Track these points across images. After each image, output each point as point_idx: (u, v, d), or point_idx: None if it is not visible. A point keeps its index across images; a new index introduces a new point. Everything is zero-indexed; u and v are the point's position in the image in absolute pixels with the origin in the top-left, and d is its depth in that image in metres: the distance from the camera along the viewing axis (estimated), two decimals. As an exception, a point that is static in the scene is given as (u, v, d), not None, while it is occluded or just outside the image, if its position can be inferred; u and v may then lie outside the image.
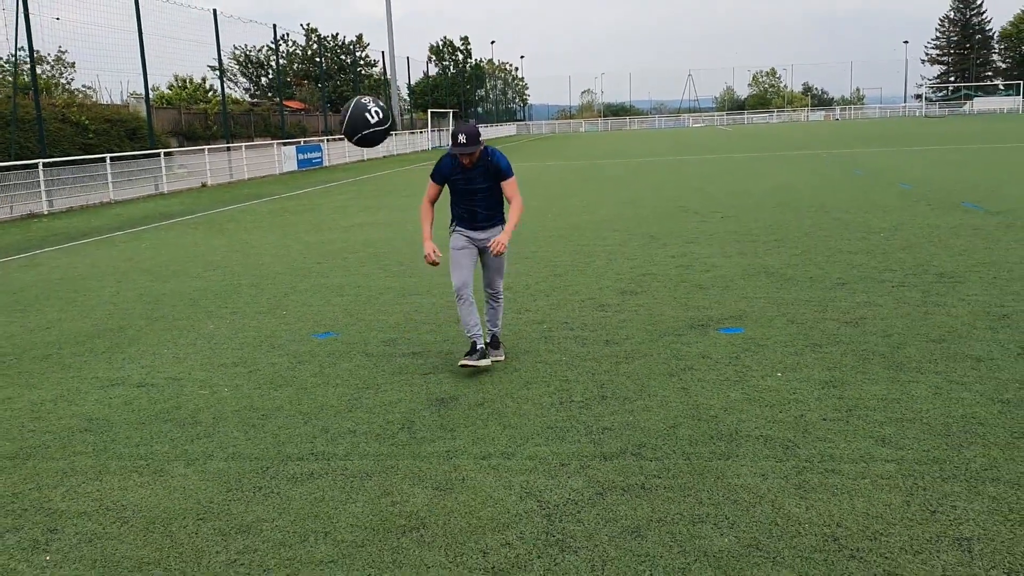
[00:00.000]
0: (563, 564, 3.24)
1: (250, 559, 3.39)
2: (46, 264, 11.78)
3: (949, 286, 7.63)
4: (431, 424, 4.82)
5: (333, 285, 9.12)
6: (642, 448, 4.32)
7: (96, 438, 4.83)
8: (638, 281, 8.52)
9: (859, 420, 4.56)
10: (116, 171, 22.30)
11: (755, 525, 3.47)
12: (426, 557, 3.35)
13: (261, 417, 5.06)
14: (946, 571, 3.07)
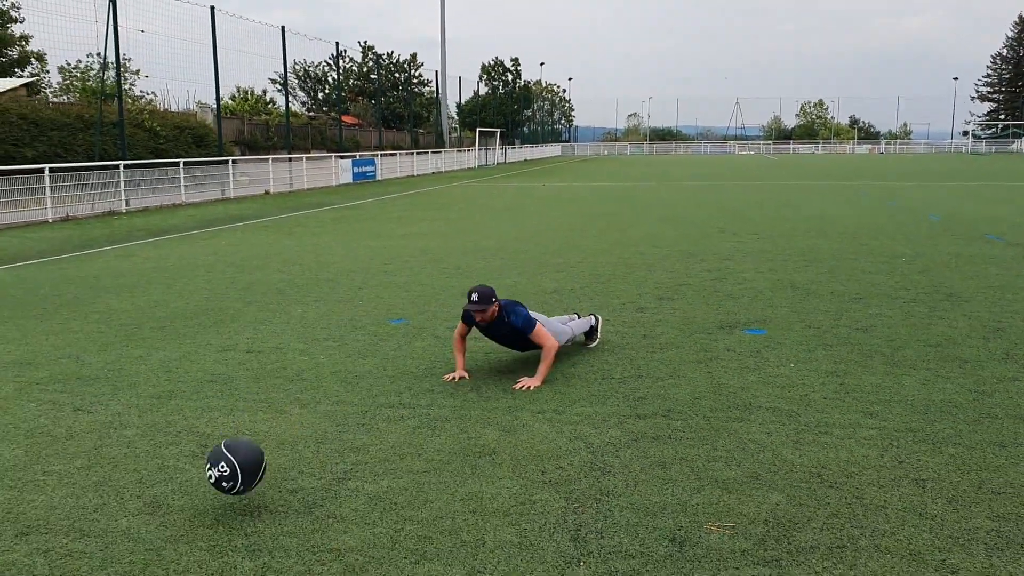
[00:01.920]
0: (603, 483, 4.22)
1: (362, 468, 4.41)
2: (139, 255, 13.03)
3: (955, 304, 8.49)
4: (494, 388, 5.82)
5: (399, 283, 10.19)
6: (670, 412, 5.29)
7: (222, 387, 5.90)
8: (675, 289, 9.48)
9: (853, 400, 5.49)
10: (188, 175, 23.74)
11: (757, 464, 4.43)
12: (497, 472, 4.35)
13: (355, 377, 6.11)
14: (902, 499, 4.00)
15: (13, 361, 6.61)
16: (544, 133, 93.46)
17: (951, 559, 3.41)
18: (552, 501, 4.00)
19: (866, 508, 3.89)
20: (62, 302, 9.09)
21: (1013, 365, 6.25)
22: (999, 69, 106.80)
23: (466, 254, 12.65)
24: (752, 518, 3.80)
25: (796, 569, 3.35)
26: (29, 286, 10.25)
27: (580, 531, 3.70)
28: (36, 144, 22.22)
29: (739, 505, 3.93)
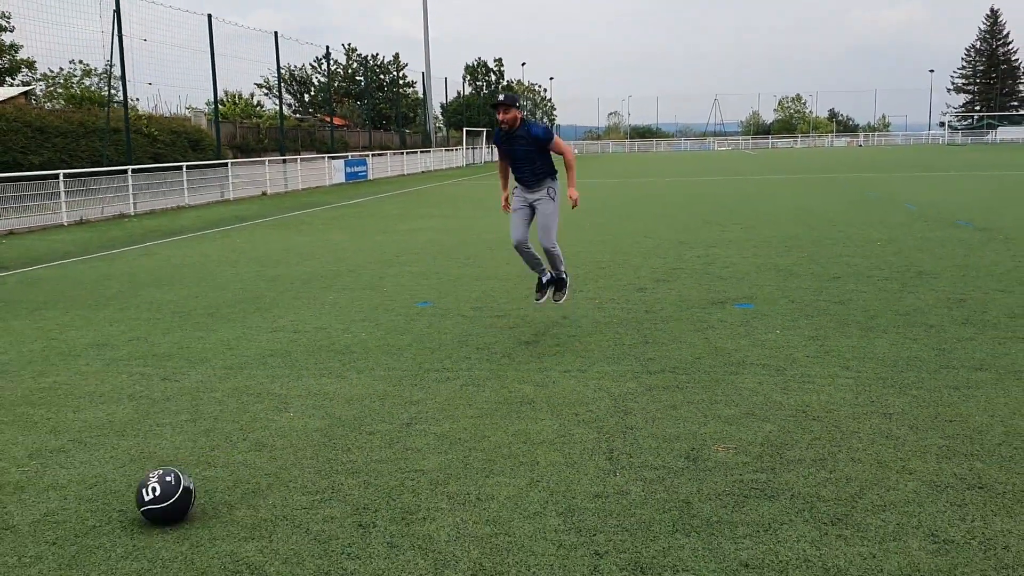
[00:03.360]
0: (627, 420, 5.10)
1: (424, 416, 5.28)
2: (161, 254, 13.82)
3: (924, 280, 9.44)
4: (524, 355, 6.70)
5: (416, 272, 11.05)
6: (675, 369, 6.18)
7: (282, 360, 6.75)
8: (669, 273, 10.39)
9: (832, 357, 6.40)
10: (189, 179, 24.47)
11: (752, 405, 5.33)
12: (538, 415, 5.22)
13: (397, 350, 6.97)
14: (872, 427, 4.90)
15: (89, 343, 7.43)
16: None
17: (909, 465, 4.32)
18: (587, 434, 4.88)
19: (843, 433, 4.79)
20: (110, 295, 9.90)
21: (971, 328, 7.18)
22: (973, 61, 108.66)
23: (472, 245, 13.51)
24: (750, 441, 4.70)
25: (787, 475, 4.24)
26: (72, 282, 11.04)
27: (613, 453, 4.58)
28: (41, 151, 22.88)
29: (739, 433, 4.83)
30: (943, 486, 4.05)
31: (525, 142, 6.70)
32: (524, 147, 6.73)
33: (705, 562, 3.40)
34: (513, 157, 6.83)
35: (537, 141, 6.68)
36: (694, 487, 4.12)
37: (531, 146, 6.70)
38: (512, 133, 6.72)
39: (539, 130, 6.70)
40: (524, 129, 6.68)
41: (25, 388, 6.10)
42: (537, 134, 6.67)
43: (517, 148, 6.75)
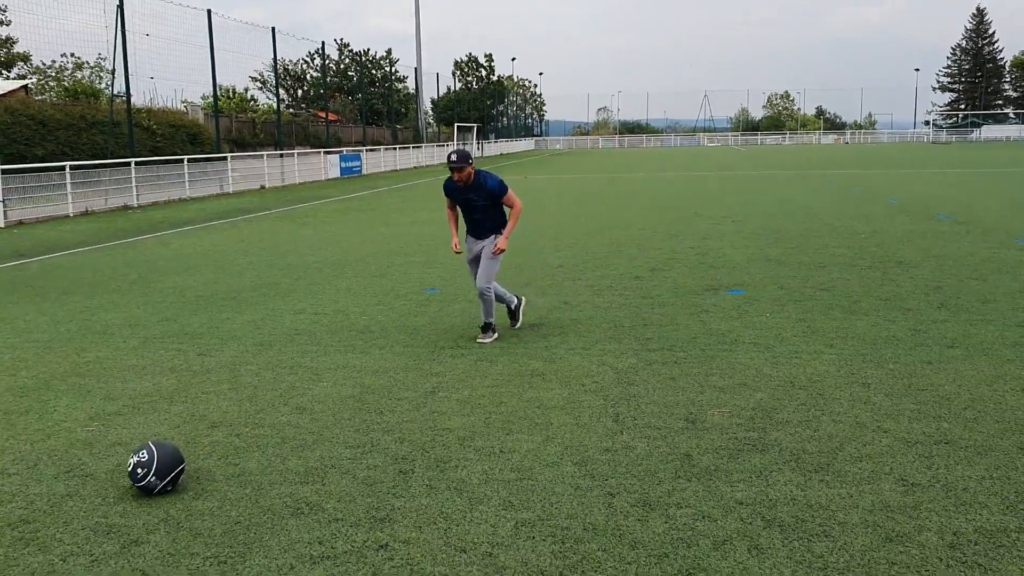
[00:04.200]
0: (630, 390, 5.62)
1: (446, 385, 5.79)
2: (174, 243, 14.28)
3: (904, 269, 10.00)
4: (530, 335, 7.22)
5: (421, 262, 11.55)
6: (673, 347, 6.71)
7: (308, 338, 7.25)
8: (664, 263, 10.93)
9: (817, 337, 6.94)
10: (190, 172, 24.87)
11: (744, 376, 5.86)
12: (549, 385, 5.75)
13: (413, 330, 7.48)
14: (852, 394, 5.43)
15: (123, 323, 7.92)
16: (517, 128, 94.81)
17: (884, 425, 4.86)
18: (594, 401, 5.41)
19: (826, 400, 5.33)
20: (132, 280, 10.37)
21: (945, 312, 7.74)
22: (959, 60, 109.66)
23: (472, 238, 14.01)
24: (743, 407, 5.23)
25: (776, 433, 4.78)
26: (93, 269, 11.50)
27: (619, 416, 5.11)
28: (45, 143, 23.26)
29: (732, 400, 5.37)
30: (913, 442, 4.59)
31: (480, 196, 6.78)
32: (482, 201, 6.81)
33: (705, 500, 3.93)
34: (468, 208, 6.89)
35: (492, 195, 6.77)
36: (693, 443, 4.65)
37: (487, 200, 6.80)
38: (467, 187, 6.77)
39: (494, 183, 6.76)
40: (479, 182, 6.74)
41: (71, 362, 6.58)
42: (492, 187, 6.74)
43: (474, 200, 6.82)
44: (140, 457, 4.07)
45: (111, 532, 3.72)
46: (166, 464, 4.06)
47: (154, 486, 4.05)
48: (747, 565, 3.33)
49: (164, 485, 4.06)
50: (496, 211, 6.89)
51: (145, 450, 4.09)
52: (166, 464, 4.06)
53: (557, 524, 3.71)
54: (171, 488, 4.10)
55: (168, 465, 4.07)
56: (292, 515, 3.85)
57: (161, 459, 4.05)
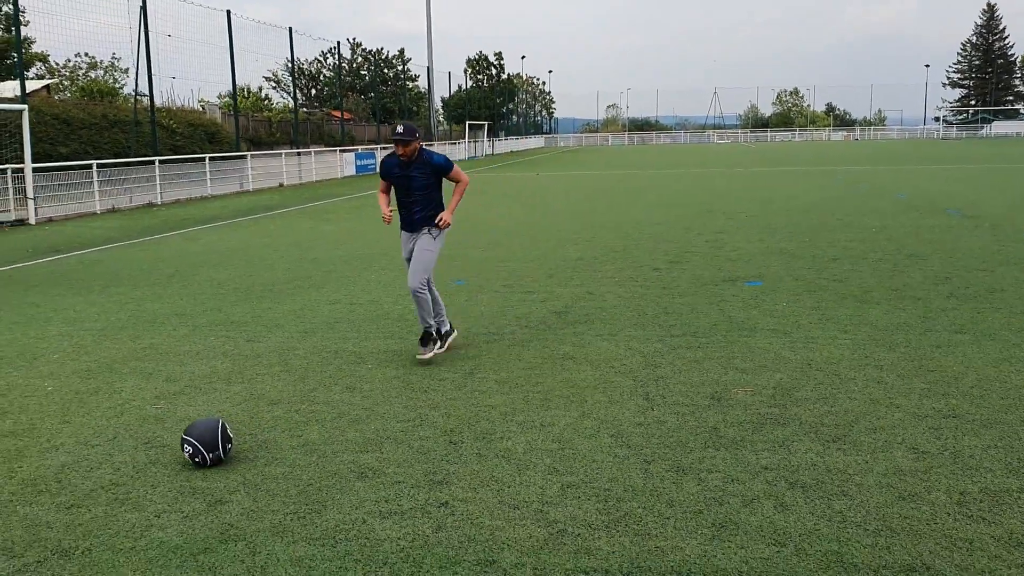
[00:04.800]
0: (657, 372, 6.00)
1: (484, 367, 6.16)
2: (203, 239, 14.70)
3: (914, 261, 10.34)
4: (557, 322, 7.60)
5: (445, 255, 11.89)
6: (695, 334, 7.08)
7: (348, 326, 7.64)
8: (681, 256, 11.29)
9: (832, 324, 7.30)
10: (211, 170, 25.35)
11: (764, 359, 6.23)
12: (580, 368, 6.12)
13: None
14: (866, 375, 5.80)
15: (170, 313, 8.33)
16: (527, 126, 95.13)
17: (896, 401, 5.22)
18: (624, 381, 5.79)
19: (841, 380, 5.70)
20: (170, 274, 10.79)
21: (954, 300, 8.08)
22: (969, 56, 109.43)
23: (489, 232, 14.40)
24: (764, 386, 5.60)
25: (795, 409, 5.14)
26: (130, 263, 11.93)
27: (648, 395, 5.48)
28: (68, 142, 23.69)
29: (754, 380, 5.74)
30: (923, 416, 4.96)
31: (424, 172, 6.28)
32: (422, 179, 6.29)
33: (732, 466, 4.30)
34: (408, 188, 6.30)
35: (438, 170, 6.30)
36: (720, 417, 5.02)
37: (430, 177, 6.29)
38: (410, 163, 6.27)
39: (440, 158, 6.34)
40: (423, 158, 6.27)
41: (128, 348, 6.99)
42: (438, 162, 6.30)
43: (414, 179, 6.28)
44: (187, 453, 4.40)
45: (196, 493, 4.11)
46: (208, 439, 4.39)
47: (218, 458, 4.43)
48: (773, 519, 3.71)
49: (225, 448, 4.43)
50: (435, 195, 6.37)
51: (186, 446, 4.39)
52: (208, 439, 4.39)
53: (599, 486, 4.09)
54: (230, 445, 4.48)
55: (210, 437, 4.39)
56: (357, 478, 4.24)
57: (202, 441, 4.38)
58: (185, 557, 3.49)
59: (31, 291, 9.83)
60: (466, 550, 3.50)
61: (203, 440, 4.40)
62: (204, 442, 4.40)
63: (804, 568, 3.30)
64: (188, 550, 3.55)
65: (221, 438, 4.44)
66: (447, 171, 6.34)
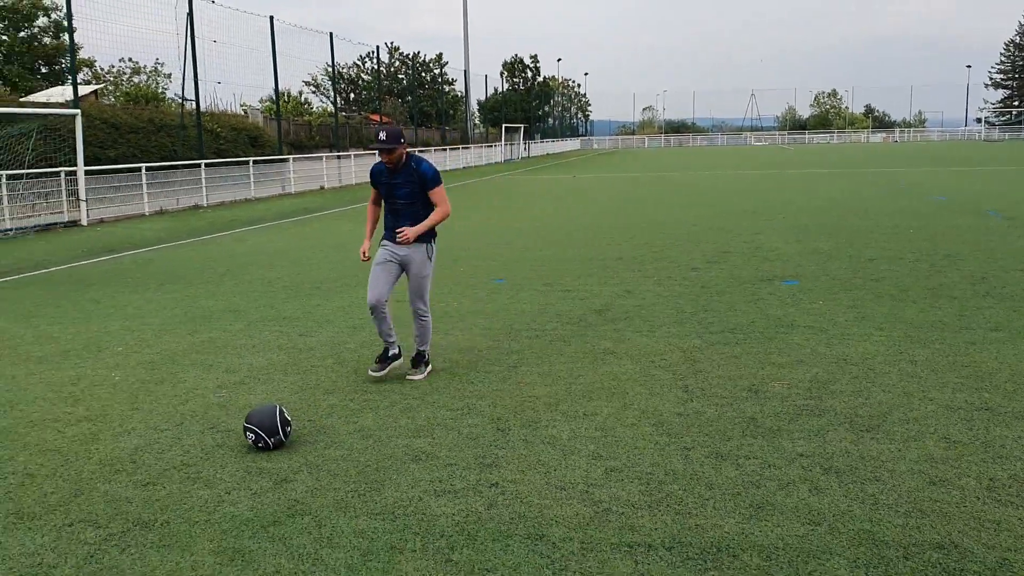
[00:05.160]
0: (697, 366, 6.19)
1: (527, 360, 6.40)
2: (251, 240, 15.11)
3: (952, 262, 10.41)
4: (597, 320, 7.81)
5: (484, 255, 12.19)
6: (734, 330, 7.27)
7: (394, 321, 7.90)
8: (719, 255, 11.45)
9: (867, 321, 7.44)
10: (255, 173, 25.88)
11: (801, 355, 6.40)
12: (621, 362, 6.33)
13: (490, 314, 8.11)
14: (900, 370, 5.95)
15: (224, 309, 8.67)
16: (562, 128, 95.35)
17: (929, 394, 5.38)
18: (664, 375, 5.99)
19: (876, 374, 5.85)
20: (221, 273, 11.17)
21: (990, 300, 8.17)
22: (1012, 56, 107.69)
23: (526, 234, 14.64)
24: (800, 379, 5.78)
25: (831, 401, 5.32)
26: (182, 262, 12.34)
27: (688, 387, 5.69)
28: (116, 146, 24.34)
29: (791, 374, 5.91)
30: (956, 408, 5.11)
31: (410, 180, 5.77)
32: (407, 186, 5.79)
33: (769, 453, 4.49)
34: (393, 195, 5.84)
35: (423, 180, 5.77)
36: (757, 408, 5.22)
37: (415, 186, 5.78)
38: (396, 170, 5.79)
39: (428, 168, 5.81)
40: (411, 166, 5.78)
41: (187, 342, 7.32)
42: (425, 171, 5.78)
43: (399, 186, 5.79)
44: (251, 440, 4.66)
45: (262, 473, 4.39)
46: (268, 425, 4.65)
47: (279, 441, 4.70)
48: (809, 501, 3.90)
49: (284, 431, 4.70)
50: (422, 205, 5.85)
51: (248, 433, 4.66)
52: (268, 425, 4.65)
53: (642, 470, 4.31)
54: (290, 428, 4.75)
55: (269, 423, 4.65)
56: (412, 460, 4.50)
57: (262, 427, 4.65)
58: (256, 529, 3.76)
59: (90, 288, 10.24)
60: (517, 525, 3.73)
61: (263, 426, 4.67)
62: (264, 428, 4.67)
63: (837, 545, 3.49)
64: (259, 523, 3.82)
65: (280, 422, 4.71)
66: (432, 185, 5.79)
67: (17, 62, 41.25)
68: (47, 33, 42.24)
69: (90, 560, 3.53)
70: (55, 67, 42.94)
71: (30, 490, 4.27)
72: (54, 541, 3.71)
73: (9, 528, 3.85)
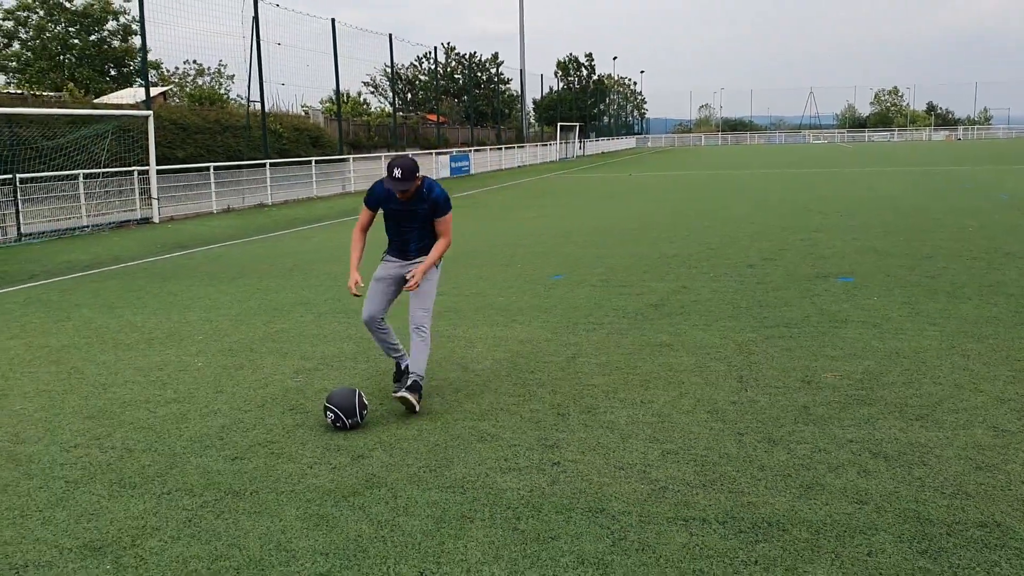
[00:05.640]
0: (751, 359, 6.38)
1: (584, 352, 6.65)
2: (315, 237, 15.60)
3: (1010, 260, 10.39)
4: (653, 314, 8.03)
5: (541, 252, 12.45)
6: (788, 324, 7.43)
7: (456, 314, 8.22)
8: (775, 253, 11.56)
9: (921, 317, 7.54)
10: (317, 172, 26.53)
11: (853, 348, 6.54)
12: (677, 354, 6.55)
13: (546, 308, 8.38)
14: (952, 362, 6.06)
15: (294, 302, 9.08)
16: (618, 126, 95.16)
17: (980, 387, 5.51)
18: (719, 366, 6.20)
19: (927, 367, 5.99)
20: (290, 268, 11.62)
21: (1049, 296, 8.20)
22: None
23: (583, 231, 14.87)
24: (853, 371, 5.94)
25: (882, 391, 5.48)
26: (252, 258, 12.84)
27: (742, 378, 5.89)
28: (184, 146, 25.13)
29: (843, 366, 6.07)
30: (1006, 399, 5.24)
31: (423, 206, 5.41)
32: (420, 212, 5.46)
33: (820, 439, 4.69)
34: (404, 221, 5.52)
35: (435, 205, 5.40)
36: (809, 398, 5.40)
37: (427, 211, 5.43)
38: (406, 203, 5.43)
39: (439, 193, 5.42)
40: (424, 190, 5.38)
41: (262, 332, 7.73)
42: (437, 197, 5.40)
43: (411, 212, 5.47)
44: (330, 419, 4.99)
45: (340, 450, 4.73)
46: (347, 407, 4.98)
47: (356, 423, 5.03)
48: (857, 483, 4.09)
49: (361, 413, 5.04)
50: (432, 227, 5.56)
51: (328, 412, 4.98)
52: (347, 407, 4.98)
53: (696, 453, 4.54)
54: (366, 411, 5.09)
55: (348, 404, 4.98)
56: (478, 440, 4.80)
57: (342, 408, 4.98)
58: (338, 498, 4.09)
59: (167, 282, 10.75)
60: (578, 500, 4.00)
61: (343, 408, 5.01)
62: (344, 409, 5.01)
63: (883, 522, 3.69)
64: (340, 493, 4.15)
65: (358, 405, 5.04)
66: (442, 212, 5.43)
67: (88, 65, 42.67)
68: (116, 36, 43.63)
69: (189, 524, 3.88)
70: (123, 70, 44.31)
71: (129, 463, 4.65)
72: (155, 507, 4.07)
73: (114, 495, 4.23)
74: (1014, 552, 3.40)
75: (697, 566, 3.37)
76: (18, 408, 5.68)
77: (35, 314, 8.91)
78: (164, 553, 3.61)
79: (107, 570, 3.48)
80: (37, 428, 5.27)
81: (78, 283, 10.97)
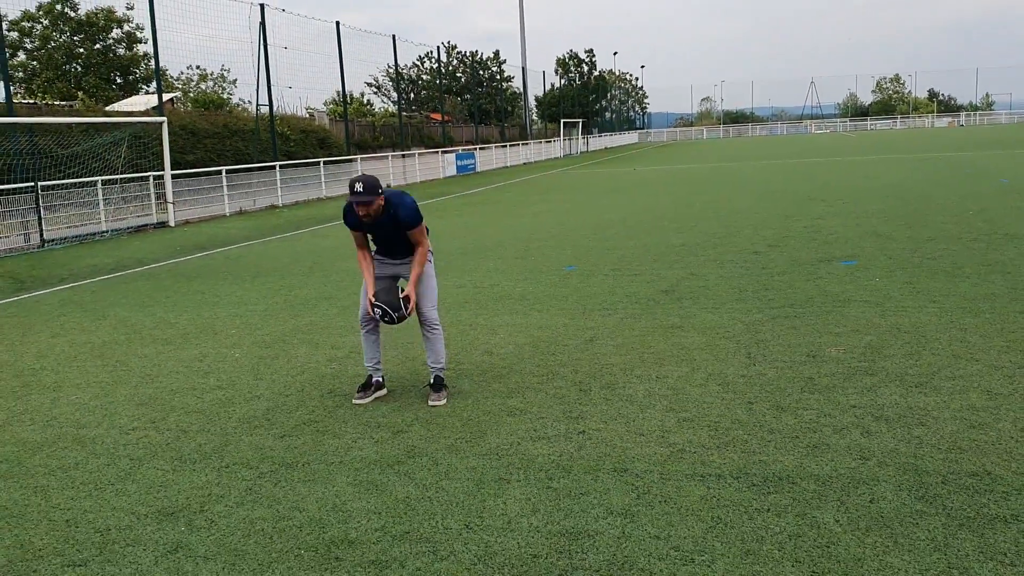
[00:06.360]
0: (758, 336, 6.74)
1: (601, 336, 7.02)
2: (330, 236, 15.98)
3: (1009, 241, 10.72)
4: (665, 299, 8.39)
5: (553, 245, 12.82)
6: (793, 305, 7.78)
7: (476, 305, 8.59)
8: (780, 240, 11.90)
9: (922, 295, 7.89)
10: (325, 173, 26.92)
11: (856, 325, 6.90)
12: (688, 334, 6.91)
13: (561, 297, 8.74)
14: (951, 335, 6.42)
15: (318, 297, 9.46)
16: (620, 121, 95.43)
17: (976, 356, 5.86)
18: (728, 344, 6.56)
19: (927, 340, 6.34)
20: (309, 266, 12.00)
21: (1044, 273, 8.55)
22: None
23: (592, 225, 15.22)
24: (856, 345, 6.30)
25: (883, 363, 5.84)
26: (270, 257, 13.22)
27: (751, 354, 6.25)
28: (195, 151, 25.55)
29: (847, 341, 6.43)
30: (999, 367, 5.60)
31: (392, 222, 5.40)
32: (390, 229, 5.46)
33: (825, 405, 5.05)
34: (378, 236, 5.58)
35: (400, 227, 5.40)
36: (815, 370, 5.76)
37: (397, 228, 5.43)
38: (374, 223, 5.41)
39: (407, 212, 5.33)
40: (389, 212, 5.35)
41: (291, 325, 8.11)
42: (405, 219, 5.34)
43: (382, 228, 5.46)
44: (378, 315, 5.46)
45: (381, 426, 5.10)
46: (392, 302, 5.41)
47: (403, 316, 5.42)
48: (860, 442, 4.46)
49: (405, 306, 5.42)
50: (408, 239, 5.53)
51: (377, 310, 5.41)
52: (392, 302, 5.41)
53: (710, 420, 4.91)
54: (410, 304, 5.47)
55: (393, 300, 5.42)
56: (508, 415, 5.17)
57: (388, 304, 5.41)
58: (384, 467, 4.46)
59: (193, 281, 11.15)
60: (604, 461, 4.37)
61: (389, 303, 5.41)
62: (390, 305, 5.40)
63: (884, 474, 4.05)
64: (385, 462, 4.52)
65: (401, 299, 5.42)
66: (413, 227, 5.39)
67: (94, 73, 43.09)
68: (121, 44, 44.04)
69: (250, 492, 4.26)
70: (129, 77, 44.74)
71: (186, 442, 5.03)
72: (217, 478, 4.45)
73: (177, 469, 4.61)
74: (1000, 495, 3.76)
75: (715, 514, 3.74)
76: (74, 398, 6.07)
77: (72, 314, 9.30)
78: (231, 516, 3.98)
79: (181, 531, 3.86)
80: (95, 415, 5.65)
81: (107, 285, 11.37)
